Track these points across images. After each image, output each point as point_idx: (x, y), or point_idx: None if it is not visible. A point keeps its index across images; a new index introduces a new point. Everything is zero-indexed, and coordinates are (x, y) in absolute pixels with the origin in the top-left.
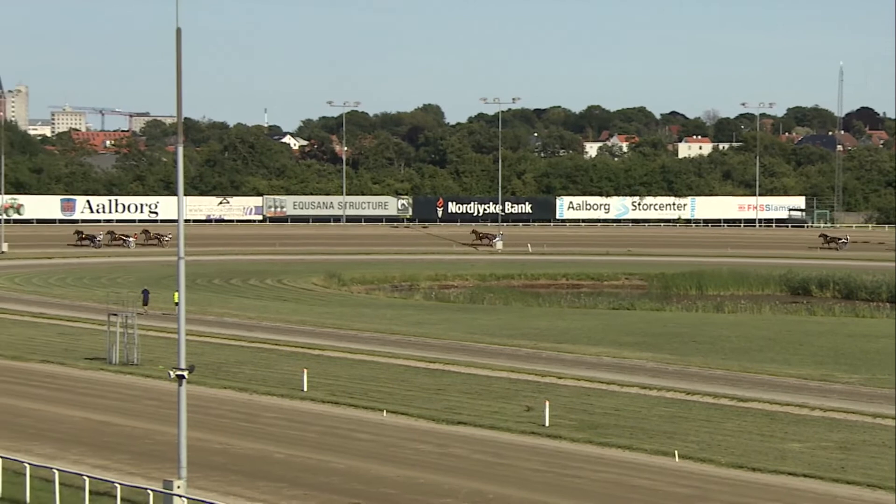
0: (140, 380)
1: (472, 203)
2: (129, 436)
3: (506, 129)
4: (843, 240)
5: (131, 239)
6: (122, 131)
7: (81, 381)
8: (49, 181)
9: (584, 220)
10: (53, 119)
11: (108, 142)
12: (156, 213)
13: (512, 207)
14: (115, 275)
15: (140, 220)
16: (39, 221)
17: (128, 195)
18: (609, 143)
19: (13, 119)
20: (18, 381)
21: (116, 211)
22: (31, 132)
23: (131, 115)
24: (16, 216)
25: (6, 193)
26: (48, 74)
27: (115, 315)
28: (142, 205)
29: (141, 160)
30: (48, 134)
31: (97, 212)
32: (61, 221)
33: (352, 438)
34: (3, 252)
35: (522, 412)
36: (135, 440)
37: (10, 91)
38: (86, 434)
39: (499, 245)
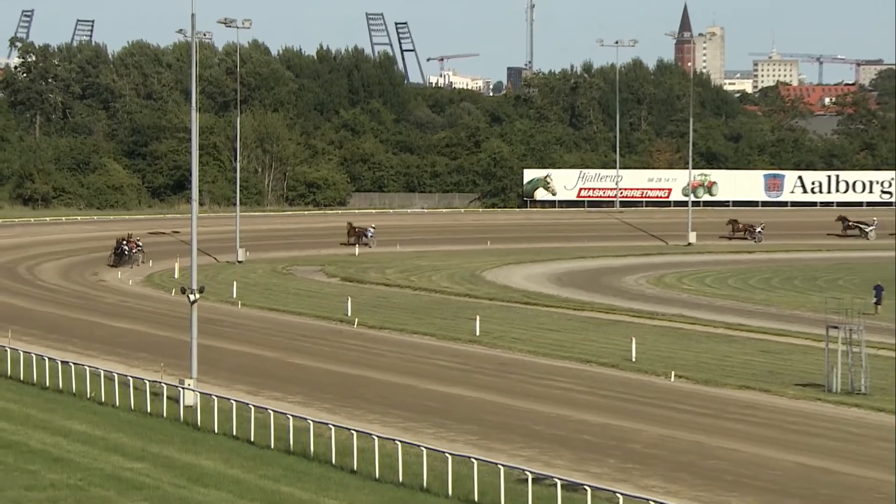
0: (868, 414)
1: None
2: (853, 487)
3: None
4: None
5: (370, 233)
6: (847, 84)
7: (790, 413)
8: (749, 152)
9: None
10: (756, 70)
11: (827, 99)
12: (889, 192)
13: None
14: (837, 275)
15: (868, 203)
16: (735, 204)
17: (852, 169)
18: None
19: (705, 71)
20: (710, 412)
21: (838, 191)
22: (728, 88)
23: (858, 64)
24: (706, 197)
25: (695, 168)
26: (750, 14)
27: (836, 328)
28: (871, 182)
29: (870, 123)
30: (749, 90)
31: (812, 192)
32: (764, 204)
33: None
34: (690, 244)
35: None
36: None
37: (700, 35)
38: (795, 484)
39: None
